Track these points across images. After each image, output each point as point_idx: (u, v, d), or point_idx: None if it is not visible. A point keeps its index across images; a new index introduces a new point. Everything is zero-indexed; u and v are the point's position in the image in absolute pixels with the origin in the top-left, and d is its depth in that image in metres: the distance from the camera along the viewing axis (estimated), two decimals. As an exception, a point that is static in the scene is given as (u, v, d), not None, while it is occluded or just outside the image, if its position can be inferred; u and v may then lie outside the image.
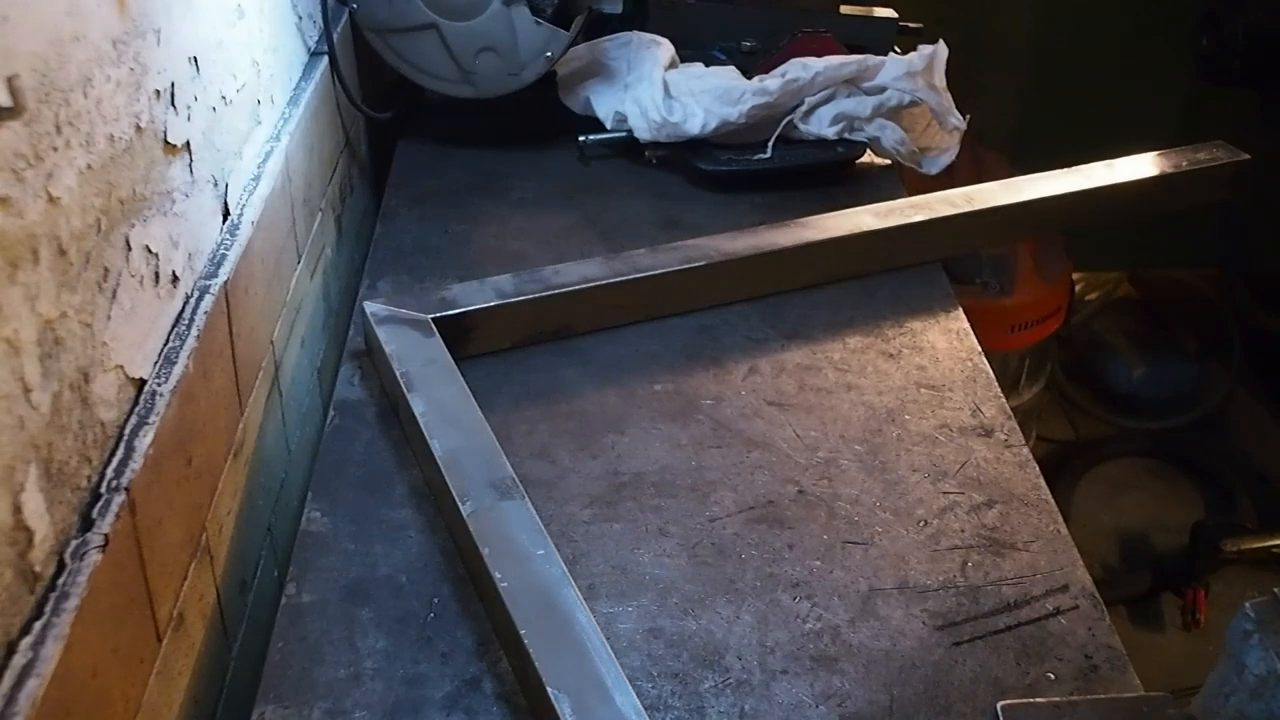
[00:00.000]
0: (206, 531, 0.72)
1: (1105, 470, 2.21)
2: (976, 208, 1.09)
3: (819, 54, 1.29)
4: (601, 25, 1.38)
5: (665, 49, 1.28)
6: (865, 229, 1.05)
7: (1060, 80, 2.11)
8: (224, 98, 0.81)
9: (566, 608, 0.66)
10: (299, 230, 0.98)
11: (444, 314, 0.91)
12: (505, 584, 0.67)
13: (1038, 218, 1.14)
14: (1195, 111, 2.11)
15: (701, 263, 1.00)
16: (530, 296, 0.94)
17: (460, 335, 0.90)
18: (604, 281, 0.96)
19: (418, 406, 0.80)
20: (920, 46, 1.26)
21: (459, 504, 0.72)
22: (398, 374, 0.83)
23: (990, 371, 0.94)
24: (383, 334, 0.88)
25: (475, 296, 0.93)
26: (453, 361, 0.86)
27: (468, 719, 0.65)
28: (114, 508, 0.57)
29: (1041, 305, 2.00)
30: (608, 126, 1.25)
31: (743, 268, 1.00)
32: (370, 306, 0.91)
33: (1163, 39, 2.05)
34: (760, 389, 0.91)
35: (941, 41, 1.26)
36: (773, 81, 1.23)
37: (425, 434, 0.78)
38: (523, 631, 0.64)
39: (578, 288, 0.95)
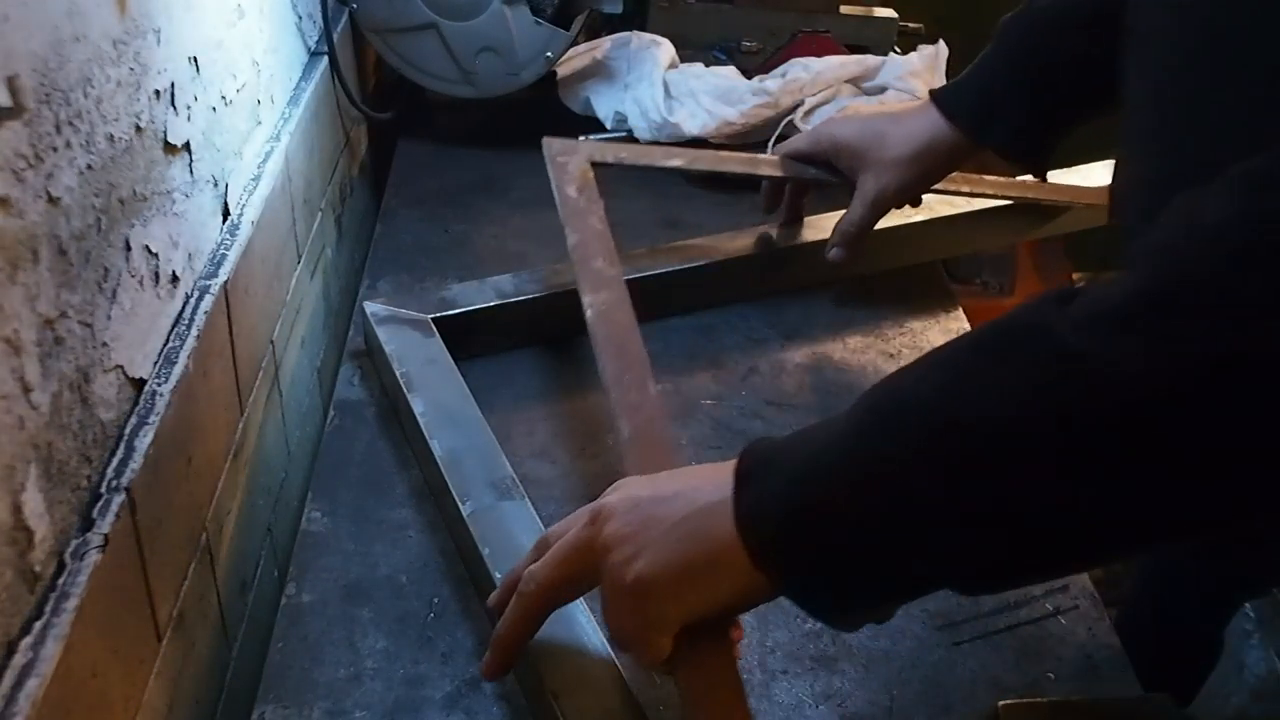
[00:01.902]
0: (206, 531, 0.72)
1: (1105, 470, 2.20)
2: (977, 208, 1.09)
3: (819, 54, 1.29)
4: (601, 25, 1.38)
5: (665, 49, 1.28)
6: None
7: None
8: (224, 98, 0.81)
9: (566, 608, 0.66)
10: (299, 230, 0.98)
11: (444, 314, 0.91)
12: None
13: (1039, 218, 1.14)
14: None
15: (702, 262, 1.00)
16: (531, 296, 0.94)
17: (461, 335, 0.90)
18: None
19: (418, 406, 0.80)
20: (920, 46, 1.26)
21: (459, 504, 0.72)
22: (398, 374, 0.83)
23: (990, 371, 0.94)
24: (383, 334, 0.88)
25: (475, 296, 0.93)
26: (453, 362, 0.86)
27: (468, 719, 0.65)
28: (114, 508, 0.57)
29: (1041, 305, 1.99)
30: (608, 126, 1.25)
31: (743, 268, 1.00)
32: (370, 306, 0.91)
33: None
34: (760, 389, 0.91)
35: (942, 41, 1.26)
36: (773, 81, 1.23)
37: (425, 434, 0.78)
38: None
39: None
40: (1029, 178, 1.13)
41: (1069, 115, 0.93)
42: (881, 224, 1.05)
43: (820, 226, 1.04)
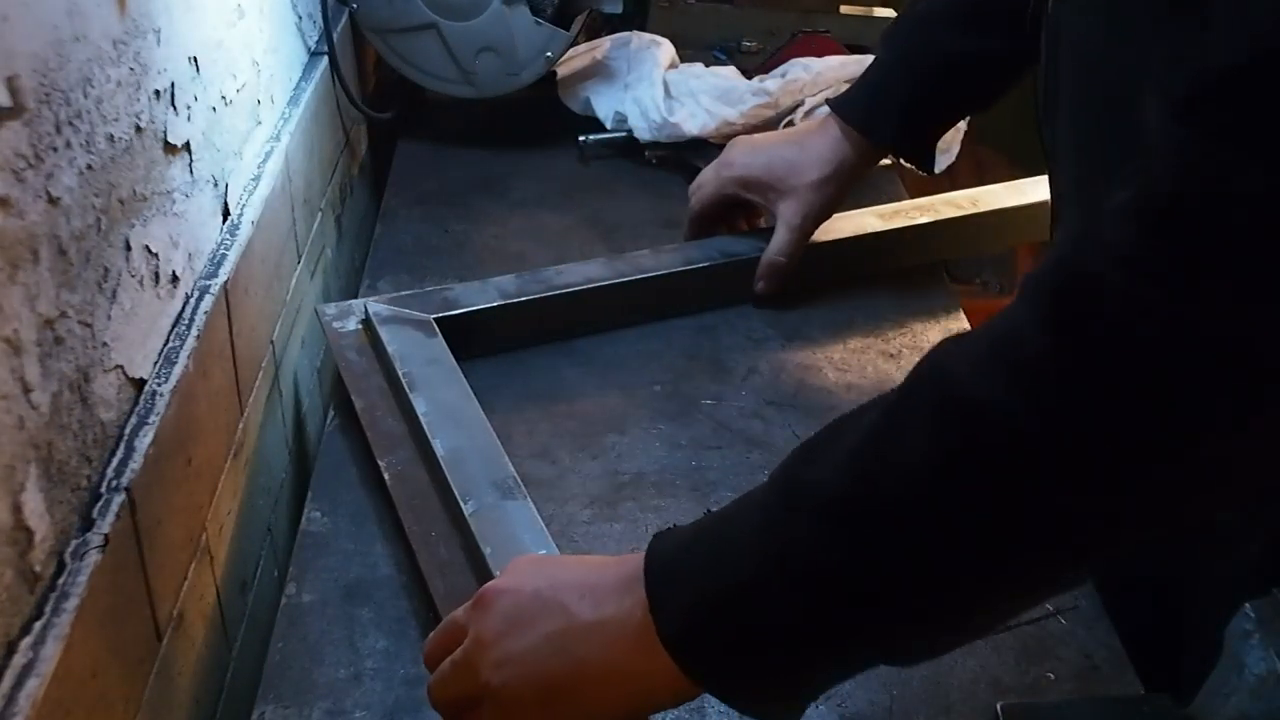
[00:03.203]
0: (206, 531, 0.72)
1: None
2: (981, 210, 1.08)
3: (819, 54, 1.29)
4: (601, 25, 1.38)
5: (665, 49, 1.28)
6: (869, 230, 1.04)
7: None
8: (224, 98, 0.81)
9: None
10: (299, 230, 0.98)
11: (447, 314, 0.91)
12: None
13: (1044, 220, 1.14)
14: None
15: (704, 264, 1.00)
16: (533, 297, 0.94)
17: (463, 336, 0.90)
18: (607, 282, 0.96)
19: (420, 406, 0.80)
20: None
21: (461, 503, 0.72)
22: (400, 374, 0.83)
23: (990, 371, 0.94)
24: (385, 334, 0.88)
25: (478, 297, 0.93)
26: (455, 362, 0.85)
27: (468, 719, 0.65)
28: (114, 508, 0.57)
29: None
30: (608, 126, 1.25)
31: (746, 269, 1.00)
32: (373, 306, 0.91)
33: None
34: (760, 389, 0.91)
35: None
36: (772, 82, 1.23)
37: (428, 433, 0.78)
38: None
39: (581, 288, 0.95)
40: (1032, 181, 1.13)
41: (949, 111, 0.96)
42: (886, 226, 1.05)
43: (825, 229, 1.03)
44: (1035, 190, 1.11)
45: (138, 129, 0.65)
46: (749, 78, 1.26)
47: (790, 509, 0.48)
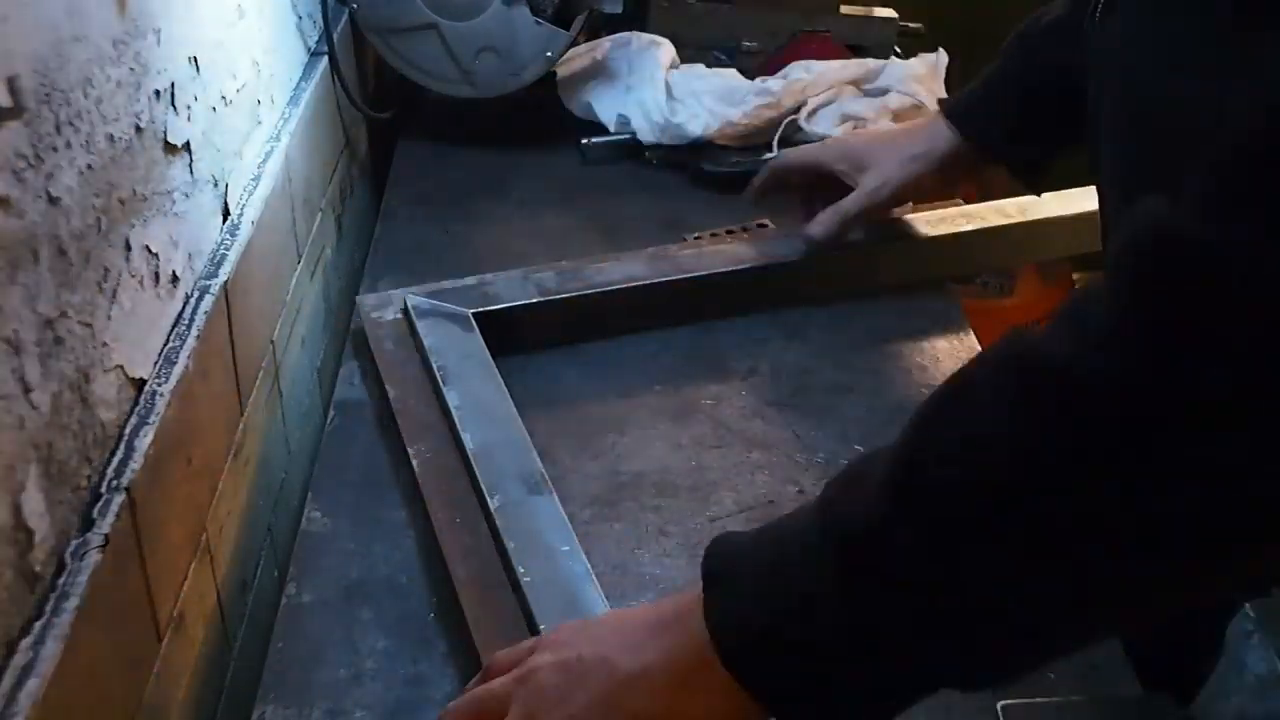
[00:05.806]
0: (206, 531, 0.72)
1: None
2: (1030, 219, 1.06)
3: (819, 54, 1.29)
4: (601, 25, 1.38)
5: (666, 50, 1.28)
6: (919, 235, 1.04)
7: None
8: (224, 98, 0.81)
9: (588, 604, 0.66)
10: (299, 230, 0.98)
11: (485, 309, 0.91)
12: (528, 578, 0.67)
13: (1092, 230, 1.12)
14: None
15: (748, 265, 0.99)
16: (573, 294, 0.94)
17: (501, 331, 0.90)
18: (648, 281, 0.96)
19: (453, 400, 0.81)
20: (921, 55, 1.27)
21: (487, 497, 0.72)
22: (435, 367, 0.83)
23: (990, 372, 0.94)
24: (422, 327, 0.88)
25: (517, 292, 0.93)
26: (490, 357, 0.86)
27: (468, 719, 0.65)
28: (114, 508, 0.57)
29: (1041, 305, 2.00)
30: (610, 129, 1.25)
31: (792, 272, 0.99)
32: (412, 299, 0.91)
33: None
34: (760, 389, 0.91)
35: (941, 50, 1.26)
36: (775, 82, 1.23)
37: (459, 427, 0.78)
38: (542, 626, 0.64)
39: (621, 286, 0.95)
40: (1081, 191, 1.11)
41: (1066, 129, 0.91)
42: (932, 232, 1.04)
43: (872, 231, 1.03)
44: (1083, 200, 1.06)
45: (138, 129, 0.65)
46: (750, 78, 1.26)
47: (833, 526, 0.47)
